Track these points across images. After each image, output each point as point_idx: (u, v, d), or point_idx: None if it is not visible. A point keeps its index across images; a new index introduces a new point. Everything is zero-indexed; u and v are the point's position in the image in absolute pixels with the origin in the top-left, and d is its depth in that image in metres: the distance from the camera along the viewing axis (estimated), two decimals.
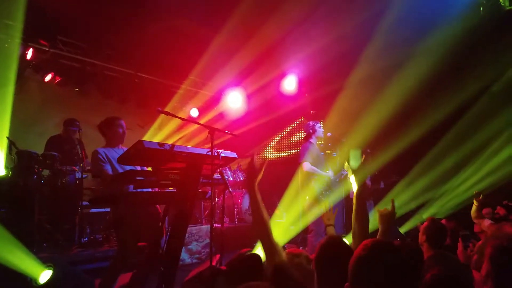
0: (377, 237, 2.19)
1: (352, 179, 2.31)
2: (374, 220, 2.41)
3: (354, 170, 2.31)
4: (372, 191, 6.18)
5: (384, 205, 2.47)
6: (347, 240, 2.52)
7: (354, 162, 2.38)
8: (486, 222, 3.81)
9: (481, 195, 3.94)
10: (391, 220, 2.39)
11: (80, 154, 5.76)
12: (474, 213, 3.99)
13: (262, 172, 2.19)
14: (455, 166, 6.21)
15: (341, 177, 5.88)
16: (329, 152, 7.13)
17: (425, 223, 2.95)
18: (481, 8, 5.42)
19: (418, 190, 6.39)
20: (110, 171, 3.54)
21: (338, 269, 1.78)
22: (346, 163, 2.38)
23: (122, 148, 3.82)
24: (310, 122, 5.55)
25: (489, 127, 5.95)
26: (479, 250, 2.65)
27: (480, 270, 2.06)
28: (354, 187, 2.26)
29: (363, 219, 2.12)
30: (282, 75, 8.09)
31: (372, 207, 6.19)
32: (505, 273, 1.55)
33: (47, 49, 6.40)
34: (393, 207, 2.43)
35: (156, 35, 6.31)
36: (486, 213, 4.17)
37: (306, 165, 5.16)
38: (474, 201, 3.97)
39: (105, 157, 3.62)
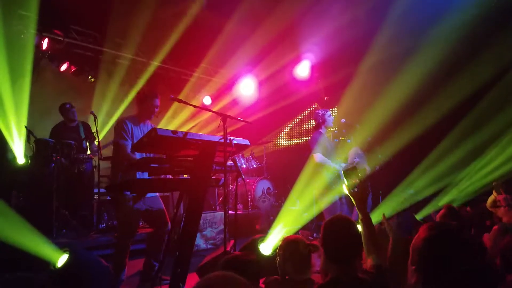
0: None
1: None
2: (383, 211, 2.33)
3: (352, 193, 2.16)
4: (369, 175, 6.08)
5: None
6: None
7: (351, 183, 2.19)
8: (501, 210, 3.70)
9: (503, 186, 3.80)
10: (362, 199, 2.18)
11: (81, 141, 5.67)
12: (491, 203, 3.88)
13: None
14: (472, 152, 6.08)
15: (353, 164, 5.82)
16: (343, 138, 7.06)
17: (442, 211, 2.87)
18: None
19: (435, 176, 6.29)
20: (129, 149, 3.61)
21: (343, 244, 1.85)
22: (344, 187, 2.20)
23: (147, 125, 3.93)
24: (320, 111, 5.44)
25: (507, 113, 5.79)
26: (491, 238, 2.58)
27: (495, 258, 2.02)
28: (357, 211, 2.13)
29: (375, 243, 2.03)
30: (295, 61, 7.99)
31: (369, 189, 6.11)
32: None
33: (61, 39, 6.46)
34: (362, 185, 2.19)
35: (167, 23, 6.30)
36: (503, 199, 4.05)
37: (318, 156, 5.12)
38: (494, 192, 3.85)
39: (130, 132, 3.69)
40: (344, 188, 2.22)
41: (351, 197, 2.19)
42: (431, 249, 1.36)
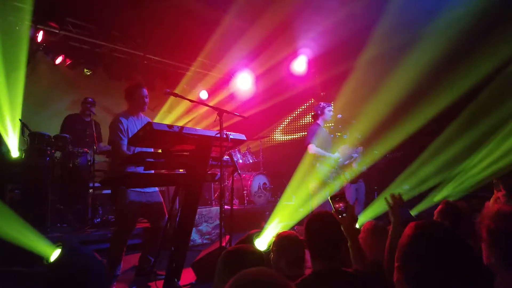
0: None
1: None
2: (377, 207, 2.33)
3: (339, 218, 2.11)
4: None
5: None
6: (362, 218, 2.52)
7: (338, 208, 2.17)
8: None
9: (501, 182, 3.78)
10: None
11: (93, 137, 5.80)
12: (493, 202, 3.84)
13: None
14: (469, 148, 6.10)
15: (351, 160, 5.81)
16: (339, 134, 7.07)
17: (440, 206, 2.84)
18: None
19: (431, 171, 6.31)
20: (125, 148, 3.58)
21: (327, 239, 1.89)
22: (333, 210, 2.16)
23: (141, 118, 3.89)
24: (321, 104, 5.48)
25: (505, 108, 5.80)
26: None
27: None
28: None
29: (364, 261, 2.04)
30: (292, 56, 7.96)
31: (363, 187, 6.07)
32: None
33: (57, 31, 6.40)
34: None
35: (164, 16, 6.24)
36: (502, 195, 4.01)
37: (312, 147, 5.13)
38: (496, 191, 3.82)
39: (125, 130, 3.64)
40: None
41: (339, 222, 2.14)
42: (413, 248, 1.34)
